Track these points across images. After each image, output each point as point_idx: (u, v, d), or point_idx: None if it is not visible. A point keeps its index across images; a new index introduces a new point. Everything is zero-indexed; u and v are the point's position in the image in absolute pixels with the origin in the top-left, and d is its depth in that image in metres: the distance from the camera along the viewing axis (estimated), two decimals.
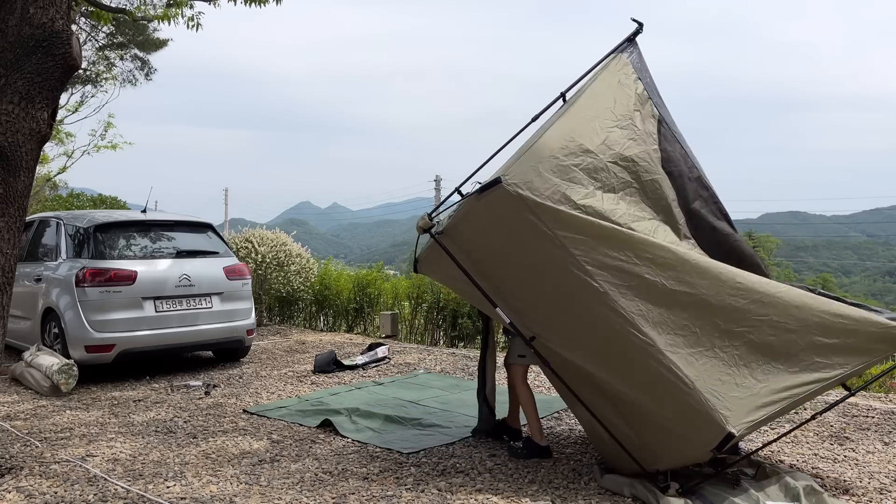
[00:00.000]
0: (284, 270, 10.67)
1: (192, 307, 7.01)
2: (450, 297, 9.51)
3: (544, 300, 3.70)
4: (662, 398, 3.48)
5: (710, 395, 3.44)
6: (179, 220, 7.81)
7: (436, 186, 30.03)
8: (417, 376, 6.97)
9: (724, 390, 3.46)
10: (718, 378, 3.48)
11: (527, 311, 3.76)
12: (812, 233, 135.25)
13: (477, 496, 3.71)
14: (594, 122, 3.85)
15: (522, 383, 4.43)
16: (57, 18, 3.97)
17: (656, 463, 3.64)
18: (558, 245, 3.52)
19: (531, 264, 3.66)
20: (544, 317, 3.73)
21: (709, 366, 3.51)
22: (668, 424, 3.52)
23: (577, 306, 3.60)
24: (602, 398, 3.73)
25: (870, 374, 4.11)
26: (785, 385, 3.53)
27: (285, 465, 4.23)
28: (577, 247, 3.52)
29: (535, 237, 3.55)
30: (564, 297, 3.62)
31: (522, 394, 4.42)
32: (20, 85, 3.91)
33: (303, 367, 7.42)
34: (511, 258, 3.72)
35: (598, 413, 3.73)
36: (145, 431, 4.95)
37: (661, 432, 3.56)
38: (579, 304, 3.58)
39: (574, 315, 3.63)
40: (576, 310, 3.61)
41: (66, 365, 6.12)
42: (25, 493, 3.73)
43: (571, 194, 3.61)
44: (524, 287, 3.73)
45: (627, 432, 3.68)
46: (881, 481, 3.96)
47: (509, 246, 3.68)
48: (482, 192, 3.60)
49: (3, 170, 3.90)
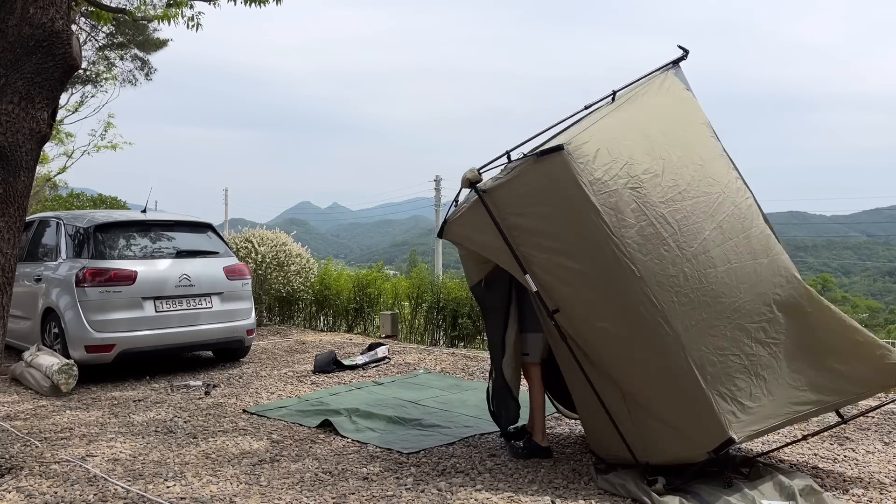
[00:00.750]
0: (284, 270, 10.68)
1: (192, 307, 7.01)
2: (450, 297, 9.51)
3: (576, 275, 3.59)
4: (673, 393, 3.49)
5: (721, 397, 3.45)
6: (179, 220, 7.81)
7: (436, 186, 30.03)
8: (417, 376, 6.97)
9: (737, 395, 3.48)
10: (735, 384, 3.50)
11: (555, 285, 3.65)
12: (812, 233, 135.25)
13: (477, 496, 3.70)
14: (660, 120, 3.91)
15: (537, 382, 4.42)
16: (57, 18, 3.97)
17: (648, 456, 3.65)
18: (604, 223, 3.48)
19: (571, 237, 3.59)
20: (572, 293, 3.63)
21: (730, 370, 3.52)
22: (672, 420, 3.52)
23: (609, 287, 3.53)
24: (610, 383, 3.69)
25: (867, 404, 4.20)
26: (791, 401, 3.58)
27: (285, 465, 4.23)
28: (624, 228, 3.50)
29: (584, 211, 3.51)
30: (599, 276, 3.55)
31: (533, 393, 4.42)
32: (20, 85, 3.91)
33: (303, 367, 7.42)
34: (551, 228, 3.64)
35: (604, 397, 3.71)
36: (145, 431, 4.95)
37: (662, 426, 3.56)
38: (613, 286, 3.51)
39: (604, 295, 3.57)
40: (607, 291, 3.55)
41: (66, 365, 6.12)
42: (25, 493, 3.73)
43: (630, 171, 3.61)
44: (556, 259, 3.64)
45: (626, 421, 3.67)
46: (881, 481, 3.96)
47: (554, 215, 3.62)
48: (541, 156, 3.58)
49: (3, 170, 3.90)
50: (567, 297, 3.64)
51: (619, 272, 3.48)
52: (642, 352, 3.52)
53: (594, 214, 3.49)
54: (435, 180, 29.99)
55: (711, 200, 3.76)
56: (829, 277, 69.02)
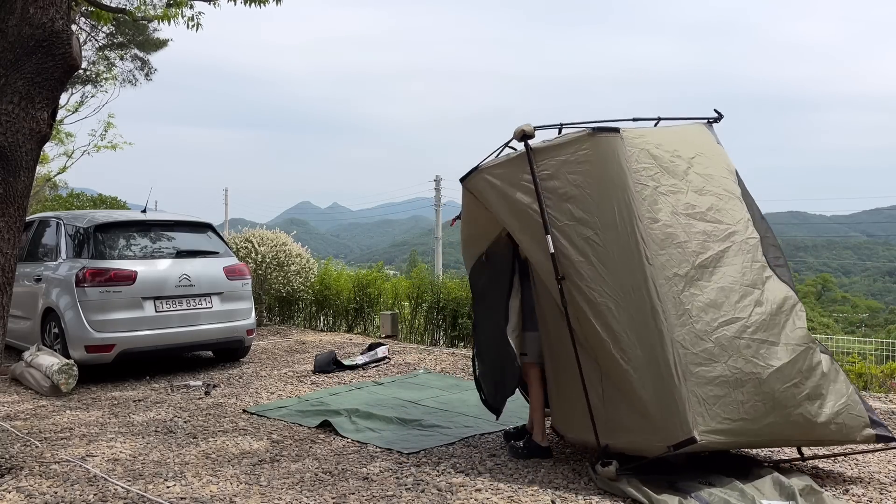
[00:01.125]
0: (284, 270, 10.68)
1: (193, 307, 7.02)
2: (450, 297, 9.51)
3: (593, 248, 3.75)
4: (651, 382, 3.57)
5: (696, 398, 3.53)
6: (179, 220, 7.81)
7: (436, 186, 30.02)
8: (417, 376, 6.97)
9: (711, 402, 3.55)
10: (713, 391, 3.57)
11: (570, 253, 3.79)
12: (812, 233, 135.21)
13: (477, 496, 3.71)
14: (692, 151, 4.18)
15: (536, 382, 4.43)
16: (57, 18, 3.97)
17: (611, 439, 3.74)
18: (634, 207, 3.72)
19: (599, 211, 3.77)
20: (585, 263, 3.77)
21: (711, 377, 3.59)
22: (643, 407, 3.60)
23: (621, 266, 3.70)
24: (592, 361, 3.79)
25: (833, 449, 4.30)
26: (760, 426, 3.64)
27: (285, 465, 4.23)
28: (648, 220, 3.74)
29: (619, 190, 3.75)
30: (615, 253, 3.72)
31: (533, 392, 4.42)
32: (20, 85, 3.91)
33: (303, 367, 7.42)
34: (583, 199, 3.81)
35: (585, 373, 3.79)
36: (145, 431, 4.95)
37: (632, 412, 3.65)
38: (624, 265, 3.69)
39: (614, 273, 3.71)
40: (618, 269, 3.71)
41: (66, 365, 6.12)
42: (25, 493, 3.73)
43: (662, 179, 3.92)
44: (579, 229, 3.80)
45: (598, 402, 3.76)
46: (881, 481, 3.96)
47: (589, 187, 3.81)
48: (598, 131, 3.85)
49: (3, 170, 3.90)
50: (579, 266, 3.77)
51: (633, 255, 3.68)
52: (633, 336, 3.63)
53: (628, 196, 3.74)
54: (435, 180, 29.98)
55: (722, 229, 3.98)
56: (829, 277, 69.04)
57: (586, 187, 3.81)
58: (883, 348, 10.20)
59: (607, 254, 3.73)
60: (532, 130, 3.90)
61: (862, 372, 7.03)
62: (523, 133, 3.89)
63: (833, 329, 36.12)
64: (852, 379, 6.96)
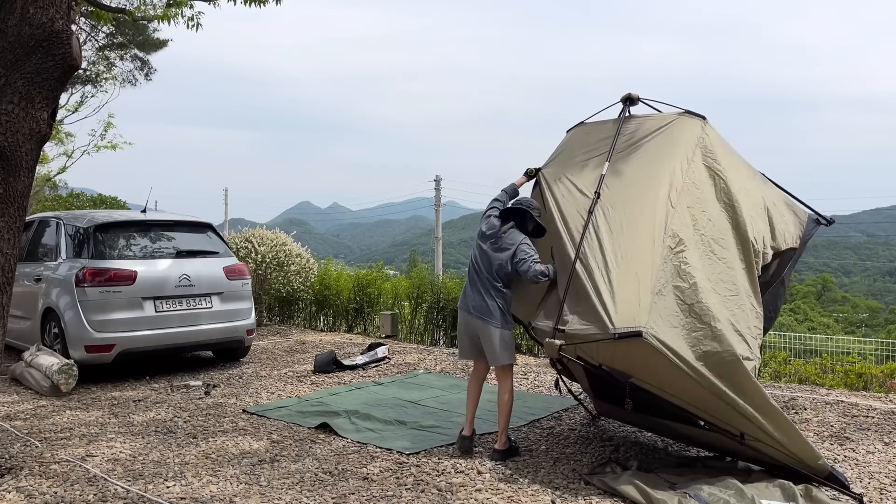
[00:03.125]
0: (284, 270, 10.68)
1: (192, 307, 7.02)
2: (450, 297, 9.51)
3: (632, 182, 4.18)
4: (621, 278, 3.74)
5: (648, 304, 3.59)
6: (179, 220, 7.81)
7: (436, 186, 29.98)
8: (417, 376, 6.97)
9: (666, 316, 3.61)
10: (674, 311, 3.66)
11: (616, 183, 4.21)
12: None
13: (477, 496, 3.71)
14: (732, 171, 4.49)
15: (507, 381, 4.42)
16: (57, 18, 3.97)
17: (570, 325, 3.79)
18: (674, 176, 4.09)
19: (651, 166, 4.19)
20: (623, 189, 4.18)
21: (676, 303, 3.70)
22: (599, 299, 3.70)
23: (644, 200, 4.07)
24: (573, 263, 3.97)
25: None
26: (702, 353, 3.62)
27: (285, 465, 4.23)
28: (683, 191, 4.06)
29: (676, 159, 4.16)
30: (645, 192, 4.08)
31: (507, 393, 4.39)
32: (20, 85, 3.91)
33: (303, 367, 7.42)
34: (646, 156, 4.27)
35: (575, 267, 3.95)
36: (145, 431, 4.95)
37: (586, 304, 3.76)
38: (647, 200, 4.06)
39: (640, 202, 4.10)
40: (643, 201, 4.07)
41: (66, 365, 6.12)
42: (25, 493, 3.73)
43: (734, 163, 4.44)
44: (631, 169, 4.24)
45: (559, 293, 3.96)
46: (881, 481, 3.96)
47: (656, 152, 4.27)
48: (687, 113, 4.46)
49: (3, 170, 3.90)
50: (618, 190, 4.19)
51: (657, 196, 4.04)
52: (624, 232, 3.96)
53: (678, 165, 4.16)
54: (435, 180, 29.94)
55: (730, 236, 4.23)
56: (829, 277, 69.01)
57: (653, 152, 4.29)
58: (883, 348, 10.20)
59: (641, 189, 4.11)
60: (638, 97, 4.61)
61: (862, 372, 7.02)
62: (630, 97, 4.59)
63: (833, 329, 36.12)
64: (852, 379, 6.96)
